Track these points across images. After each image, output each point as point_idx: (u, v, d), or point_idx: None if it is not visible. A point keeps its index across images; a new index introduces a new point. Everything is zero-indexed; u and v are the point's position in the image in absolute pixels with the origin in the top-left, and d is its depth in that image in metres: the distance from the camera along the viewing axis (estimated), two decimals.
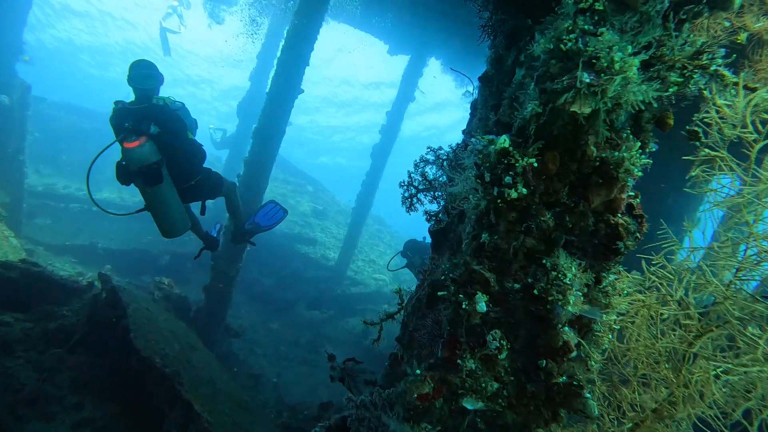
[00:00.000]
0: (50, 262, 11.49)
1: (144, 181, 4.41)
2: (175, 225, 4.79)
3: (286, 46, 7.89)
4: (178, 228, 4.83)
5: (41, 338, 6.14)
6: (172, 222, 4.75)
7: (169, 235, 4.85)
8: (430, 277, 2.29)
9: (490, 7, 1.96)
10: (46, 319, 6.56)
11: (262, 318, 12.44)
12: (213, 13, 16.23)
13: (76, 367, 6.08)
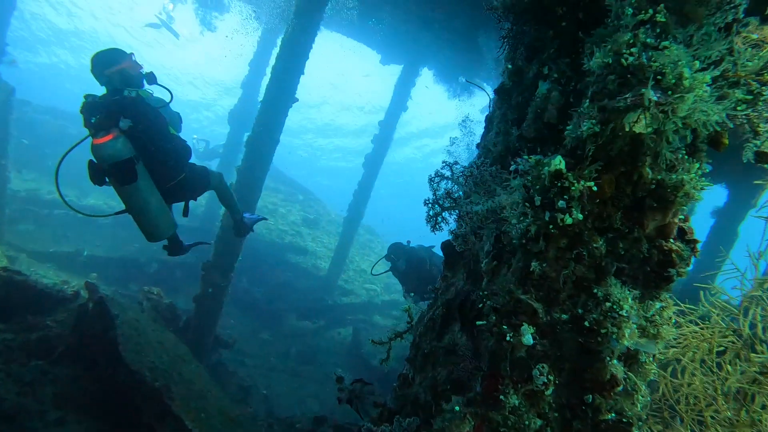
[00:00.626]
0: (33, 269, 11.17)
1: (116, 179, 4.08)
2: (158, 227, 4.42)
3: (281, 55, 7.81)
4: (161, 230, 4.46)
5: (22, 350, 5.92)
6: (155, 224, 4.39)
7: (154, 238, 4.52)
8: (444, 296, 2.20)
9: (510, 18, 1.90)
10: (28, 330, 6.33)
11: (252, 328, 12.24)
12: (204, 20, 16.10)
13: (59, 380, 5.85)
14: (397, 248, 7.34)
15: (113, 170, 4.04)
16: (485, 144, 2.18)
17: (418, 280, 7.12)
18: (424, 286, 7.08)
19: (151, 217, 4.33)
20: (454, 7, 9.40)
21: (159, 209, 4.36)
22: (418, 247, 7.54)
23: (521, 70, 1.98)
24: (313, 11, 7.72)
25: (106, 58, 4.25)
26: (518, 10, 1.86)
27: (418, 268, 7.14)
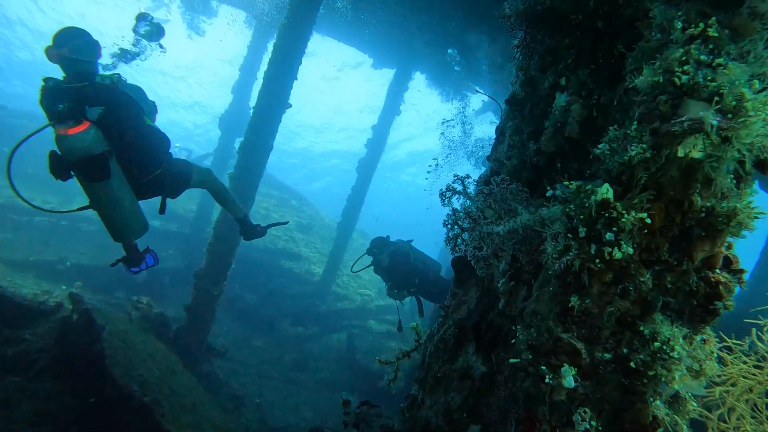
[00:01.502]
0: (11, 279, 10.88)
1: (85, 176, 3.62)
2: (129, 227, 3.93)
3: (273, 60, 7.70)
4: (132, 231, 3.98)
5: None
6: (125, 224, 3.90)
7: (122, 239, 4.02)
8: (455, 315, 2.10)
9: (523, 27, 1.82)
10: (4, 344, 6.09)
11: (244, 335, 12.06)
12: (192, 24, 15.91)
13: (38, 397, 5.64)
14: (379, 243, 7.10)
15: (82, 166, 3.58)
16: (497, 157, 2.10)
17: (402, 274, 6.95)
18: (408, 280, 6.96)
19: (122, 216, 3.85)
20: (447, 11, 9.36)
21: (131, 209, 3.90)
22: (399, 242, 7.33)
23: (534, 80, 1.90)
24: (305, 14, 7.62)
25: (85, 42, 3.75)
26: (531, 19, 1.78)
27: (402, 263, 6.95)
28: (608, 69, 1.43)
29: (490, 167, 2.09)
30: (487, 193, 1.54)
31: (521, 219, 1.39)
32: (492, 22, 8.90)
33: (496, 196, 1.50)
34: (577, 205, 1.08)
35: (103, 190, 3.71)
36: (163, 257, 13.70)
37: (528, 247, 1.41)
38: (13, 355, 5.67)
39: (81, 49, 3.65)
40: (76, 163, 3.56)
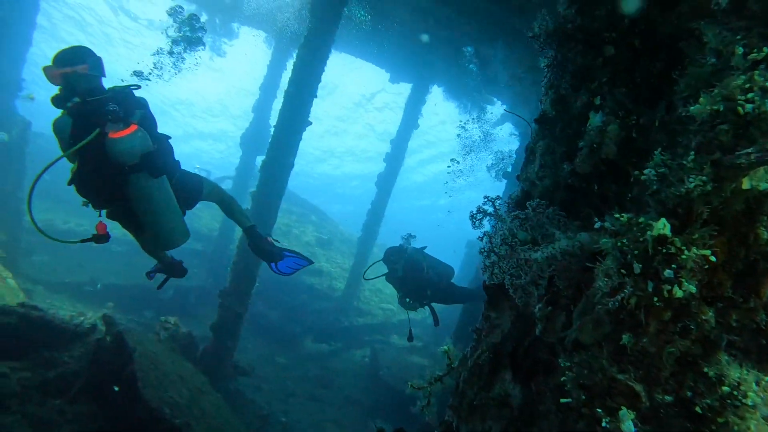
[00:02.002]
0: (49, 300, 11.18)
1: (151, 171, 3.53)
2: (179, 229, 3.81)
3: (294, 79, 7.81)
4: (183, 231, 3.84)
5: (39, 389, 5.82)
6: (176, 226, 3.78)
7: (174, 242, 3.80)
8: (489, 340, 2.06)
9: (554, 46, 1.79)
10: (45, 367, 6.24)
11: (268, 352, 12.10)
12: (214, 47, 16.29)
13: (77, 419, 5.74)
14: (394, 253, 7.01)
15: (147, 162, 3.50)
16: (528, 176, 2.06)
17: (415, 285, 6.87)
18: (421, 291, 6.88)
19: (174, 215, 3.73)
20: (462, 25, 9.38)
21: (178, 210, 3.79)
22: (412, 250, 7.22)
23: (566, 99, 1.87)
24: (325, 33, 7.72)
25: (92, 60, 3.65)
26: (562, 38, 1.76)
27: (415, 274, 6.86)
28: (647, 88, 1.39)
29: (521, 187, 2.05)
30: (522, 217, 1.50)
31: (560, 245, 1.35)
32: (508, 33, 8.91)
33: (532, 220, 1.47)
34: (631, 240, 1.04)
35: (161, 188, 3.63)
36: (188, 275, 13.90)
37: (567, 274, 1.37)
38: (54, 378, 5.80)
39: (97, 65, 3.63)
40: (140, 160, 3.48)
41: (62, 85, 3.50)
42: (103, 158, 3.41)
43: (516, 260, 1.44)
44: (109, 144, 3.38)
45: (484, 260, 1.61)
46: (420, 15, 9.65)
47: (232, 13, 13.96)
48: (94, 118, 3.38)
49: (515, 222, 1.51)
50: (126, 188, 3.52)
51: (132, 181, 3.50)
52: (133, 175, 3.49)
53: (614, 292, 1.05)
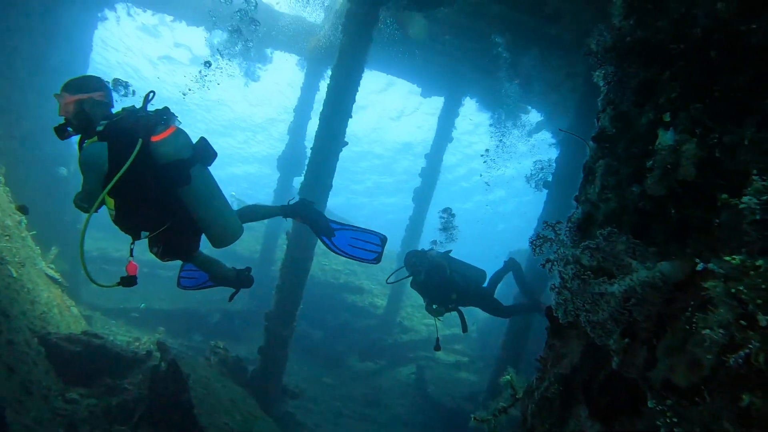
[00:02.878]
0: (107, 326, 11.66)
1: (206, 161, 3.52)
2: (235, 222, 3.74)
3: (328, 100, 7.92)
4: (238, 225, 3.78)
5: (105, 416, 6.04)
6: (232, 219, 3.71)
7: (233, 236, 3.71)
8: (556, 370, 1.97)
9: (614, 60, 1.72)
10: (108, 394, 6.48)
11: (314, 372, 12.15)
12: (249, 72, 16.78)
13: None
14: (416, 256, 6.72)
15: (202, 152, 3.49)
16: (587, 198, 1.98)
17: (439, 290, 6.60)
18: (446, 296, 6.61)
19: (227, 209, 3.68)
20: (495, 36, 9.31)
21: (228, 202, 3.74)
22: (435, 254, 6.99)
23: (627, 116, 1.79)
24: (357, 53, 7.82)
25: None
26: (621, 52, 1.69)
27: (439, 278, 6.59)
28: (729, 103, 1.31)
29: (581, 210, 1.97)
30: (593, 247, 1.43)
31: (638, 276, 1.27)
32: (543, 41, 8.78)
33: (604, 250, 1.39)
34: (750, 288, 0.95)
35: (214, 180, 3.59)
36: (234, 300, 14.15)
37: (648, 307, 1.29)
38: (117, 405, 6.00)
39: (110, 94, 3.59)
40: (199, 149, 3.47)
41: (75, 113, 3.37)
42: (151, 171, 3.31)
43: (591, 295, 1.36)
44: (155, 148, 3.30)
45: (555, 297, 1.54)
46: (451, 29, 9.65)
47: (266, 39, 14.38)
48: (134, 132, 3.28)
49: (585, 253, 1.43)
50: (182, 192, 3.43)
51: (194, 177, 3.42)
52: (192, 170, 3.41)
53: (737, 349, 0.95)
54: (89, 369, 6.73)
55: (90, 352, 6.84)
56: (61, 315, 8.54)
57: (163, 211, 3.49)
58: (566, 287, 1.44)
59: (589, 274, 1.38)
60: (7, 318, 6.27)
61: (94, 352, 6.89)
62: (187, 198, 3.48)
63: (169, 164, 3.36)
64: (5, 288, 6.73)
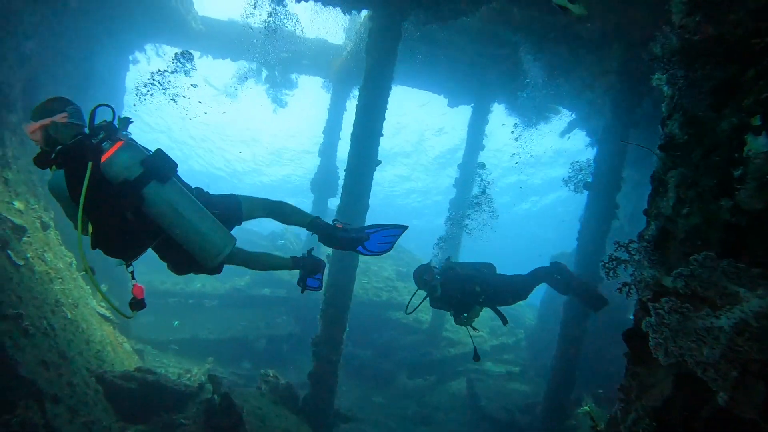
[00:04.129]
0: (158, 359, 11.92)
1: (158, 177, 3.14)
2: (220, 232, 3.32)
3: (358, 121, 7.92)
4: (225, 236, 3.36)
5: None
6: (212, 229, 3.29)
7: (219, 246, 3.30)
8: (645, 403, 1.80)
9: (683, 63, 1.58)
10: (166, 430, 6.56)
11: (364, 393, 12.02)
12: (276, 99, 17.09)
13: None
14: (425, 272, 6.12)
15: (149, 169, 3.11)
16: (660, 212, 1.82)
17: (461, 291, 6.02)
18: (470, 291, 6.05)
19: (204, 221, 3.27)
20: (520, 40, 9.13)
21: (208, 213, 3.33)
22: (440, 263, 6.43)
23: (701, 121, 1.63)
24: (383, 71, 7.81)
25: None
26: (691, 53, 1.55)
27: (453, 281, 6.03)
28: None
29: (655, 226, 1.81)
30: (687, 275, 1.28)
31: (750, 306, 1.12)
32: (571, 41, 8.53)
33: (701, 278, 1.24)
34: None
35: (179, 192, 3.23)
36: (278, 324, 14.32)
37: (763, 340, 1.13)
38: None
39: (77, 113, 3.40)
40: (143, 168, 3.10)
41: (44, 140, 3.21)
42: (113, 192, 3.07)
43: (694, 331, 1.21)
44: (105, 169, 3.04)
45: (652, 335, 1.39)
46: (475, 36, 9.53)
47: (290, 64, 14.63)
48: (82, 155, 3.03)
49: (678, 281, 1.29)
50: (147, 209, 3.14)
51: (148, 197, 3.11)
52: (145, 190, 3.10)
53: None
54: (145, 405, 6.85)
55: (145, 389, 6.96)
56: (114, 352, 8.78)
57: (139, 233, 3.22)
58: (664, 323, 1.29)
59: (689, 307, 1.24)
60: (66, 360, 6.47)
61: (149, 388, 7.01)
62: (153, 217, 3.18)
63: (119, 185, 3.07)
64: (62, 330, 6.95)
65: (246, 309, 14.33)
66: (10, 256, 6.64)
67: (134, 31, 11.88)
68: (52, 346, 6.23)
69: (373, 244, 4.26)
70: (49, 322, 6.53)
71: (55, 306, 7.12)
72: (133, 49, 12.90)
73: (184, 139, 37.56)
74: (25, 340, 5.63)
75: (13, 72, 8.11)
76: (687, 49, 1.53)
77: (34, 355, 5.69)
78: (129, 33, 11.72)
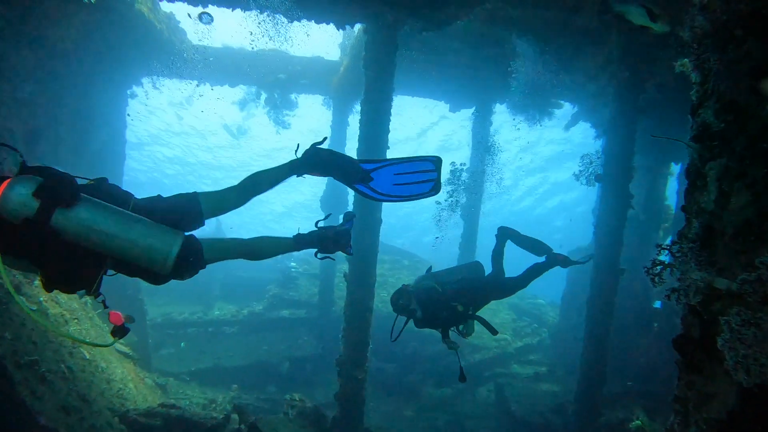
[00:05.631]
0: (182, 391, 11.83)
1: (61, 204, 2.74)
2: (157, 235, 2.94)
3: (363, 136, 7.86)
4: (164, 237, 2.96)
5: None
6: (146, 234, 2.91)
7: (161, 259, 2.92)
8: (704, 414, 1.67)
9: (717, 46, 1.47)
10: None
11: (393, 407, 11.84)
12: (278, 120, 17.12)
13: None
14: (401, 297, 5.59)
15: (51, 200, 2.72)
16: (701, 207, 1.69)
17: (442, 311, 5.57)
18: (452, 311, 5.59)
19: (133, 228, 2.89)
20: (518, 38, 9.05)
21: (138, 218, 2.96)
22: (417, 282, 5.88)
23: (739, 106, 1.52)
24: (383, 84, 7.76)
25: None
26: (725, 34, 1.44)
27: (433, 300, 5.56)
28: None
29: (698, 223, 1.69)
30: (754, 280, 1.16)
31: None
32: (574, 34, 8.41)
33: None
34: None
35: (89, 208, 2.84)
36: (300, 345, 14.20)
37: None
38: None
39: None
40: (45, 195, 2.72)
41: None
42: (23, 233, 2.73)
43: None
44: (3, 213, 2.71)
45: (729, 356, 1.27)
46: (472, 39, 9.47)
47: (289, 85, 14.67)
48: None
49: (745, 287, 1.17)
50: (68, 238, 2.80)
51: (59, 227, 2.76)
52: (53, 222, 2.75)
53: None
54: None
55: (170, 424, 6.87)
56: (136, 389, 8.71)
57: (79, 261, 2.89)
58: (740, 340, 1.17)
59: (763, 317, 1.12)
60: (87, 402, 6.39)
61: (174, 423, 6.92)
62: (80, 243, 2.84)
63: (24, 225, 2.70)
64: (81, 371, 6.89)
65: (266, 333, 14.24)
66: (23, 302, 6.61)
67: (130, 66, 11.96)
68: (72, 389, 6.16)
69: (383, 184, 3.39)
70: (67, 365, 6.47)
71: (73, 347, 7.07)
72: (130, 83, 13.00)
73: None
74: (43, 387, 5.56)
75: (12, 116, 8.12)
76: (720, 31, 1.42)
77: (54, 401, 5.62)
78: (125, 68, 11.80)
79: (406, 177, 3.44)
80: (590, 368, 8.69)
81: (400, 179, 3.44)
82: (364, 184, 3.39)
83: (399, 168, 3.45)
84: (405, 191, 3.44)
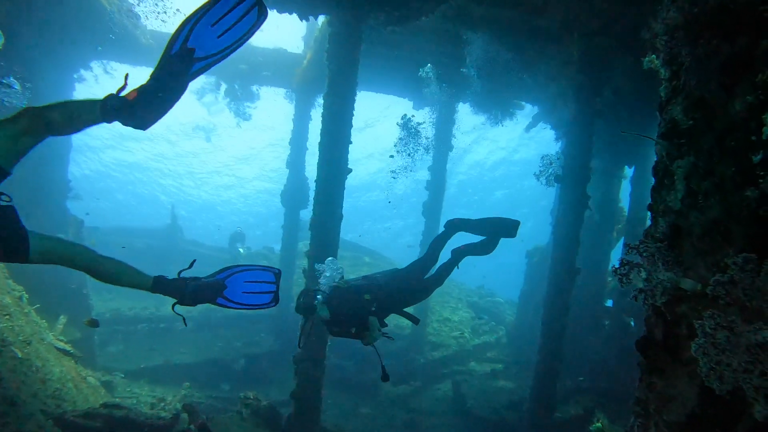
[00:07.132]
0: (129, 389, 11.31)
1: None
2: None
3: (325, 130, 7.69)
4: None
5: None
6: None
7: None
8: (665, 417, 1.64)
9: (689, 39, 1.43)
10: None
11: (350, 404, 11.73)
12: (239, 112, 16.64)
13: None
14: (306, 298, 5.17)
15: None
16: (668, 207, 1.66)
17: (352, 304, 5.15)
18: (362, 305, 5.21)
19: None
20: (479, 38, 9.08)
21: None
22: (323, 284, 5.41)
23: (707, 103, 1.49)
24: (346, 77, 7.61)
25: None
26: (696, 27, 1.40)
27: (342, 293, 5.17)
28: None
29: (665, 222, 1.66)
30: (726, 282, 1.12)
31: None
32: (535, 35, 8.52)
33: (745, 284, 1.08)
34: None
35: None
36: (257, 342, 13.88)
37: None
38: None
39: None
40: None
41: None
42: None
43: (747, 349, 1.05)
44: None
45: (703, 362, 1.22)
46: (436, 37, 9.44)
47: (250, 77, 14.25)
48: None
49: (719, 289, 1.12)
50: None
51: None
52: None
53: None
54: None
55: (112, 426, 6.49)
56: (77, 388, 8.20)
57: None
58: (713, 344, 1.11)
59: (734, 320, 1.07)
60: (14, 406, 5.91)
61: (117, 424, 6.55)
62: None
63: None
64: (10, 372, 6.39)
65: (223, 329, 13.84)
66: None
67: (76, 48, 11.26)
68: None
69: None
70: None
71: (2, 346, 6.56)
72: (77, 66, 12.25)
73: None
74: None
75: None
76: (691, 23, 1.38)
77: None
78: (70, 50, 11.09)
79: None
80: (545, 365, 8.86)
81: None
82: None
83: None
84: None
